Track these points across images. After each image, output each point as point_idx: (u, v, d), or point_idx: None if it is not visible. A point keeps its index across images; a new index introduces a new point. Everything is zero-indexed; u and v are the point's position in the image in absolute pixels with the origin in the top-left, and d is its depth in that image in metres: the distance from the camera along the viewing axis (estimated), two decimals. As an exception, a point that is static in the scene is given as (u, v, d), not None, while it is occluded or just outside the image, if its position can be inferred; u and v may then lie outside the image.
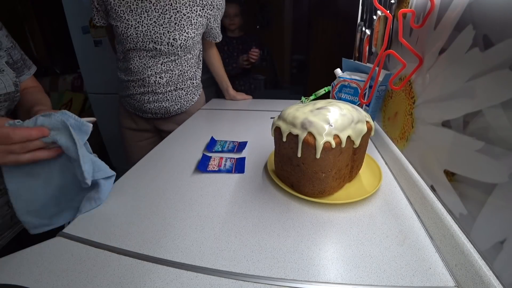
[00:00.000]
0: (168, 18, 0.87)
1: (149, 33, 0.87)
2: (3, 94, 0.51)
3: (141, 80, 0.94)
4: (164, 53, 0.91)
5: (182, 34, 0.90)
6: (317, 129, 0.45)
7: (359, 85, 0.77)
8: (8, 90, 0.52)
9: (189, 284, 0.36)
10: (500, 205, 0.31)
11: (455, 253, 0.37)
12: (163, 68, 0.94)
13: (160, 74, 0.94)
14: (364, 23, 0.90)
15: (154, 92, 0.97)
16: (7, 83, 0.52)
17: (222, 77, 1.27)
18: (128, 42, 0.88)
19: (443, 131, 0.44)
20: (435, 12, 0.48)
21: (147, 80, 0.94)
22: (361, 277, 0.37)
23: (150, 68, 0.92)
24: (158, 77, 0.94)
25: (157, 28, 0.87)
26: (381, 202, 0.52)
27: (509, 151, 0.30)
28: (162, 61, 0.93)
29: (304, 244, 0.42)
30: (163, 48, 0.90)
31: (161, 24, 0.87)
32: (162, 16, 0.87)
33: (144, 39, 0.87)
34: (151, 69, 0.92)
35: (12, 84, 0.53)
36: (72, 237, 0.44)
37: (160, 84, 0.96)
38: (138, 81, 0.94)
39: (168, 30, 0.88)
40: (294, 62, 3.23)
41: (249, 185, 0.58)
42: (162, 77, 0.95)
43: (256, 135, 0.83)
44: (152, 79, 0.94)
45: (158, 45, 0.88)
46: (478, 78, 0.36)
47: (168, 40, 0.89)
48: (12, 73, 0.54)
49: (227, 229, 0.45)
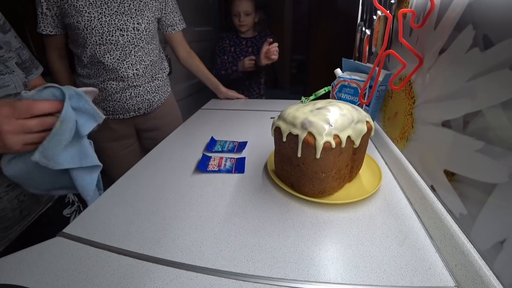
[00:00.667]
0: (127, 6, 0.90)
1: (114, 21, 0.89)
2: (13, 94, 0.51)
3: (120, 76, 0.95)
4: (132, 41, 0.93)
5: (143, 18, 0.94)
6: (317, 129, 0.45)
7: (359, 85, 0.77)
8: (18, 90, 0.52)
9: (189, 284, 0.36)
10: (500, 205, 0.31)
11: (455, 253, 0.37)
12: (136, 59, 0.96)
13: (136, 66, 0.96)
14: (364, 23, 0.90)
15: (135, 86, 0.98)
16: (17, 83, 0.52)
17: (207, 76, 1.25)
18: (93, 36, 0.87)
19: (443, 131, 0.44)
20: (435, 12, 0.48)
21: (125, 74, 0.95)
22: (361, 277, 0.37)
23: (125, 60, 0.94)
24: (134, 69, 0.96)
25: (120, 16, 0.89)
26: (381, 202, 0.52)
27: (509, 151, 0.30)
28: (132, 50, 0.94)
29: (304, 244, 0.42)
30: (130, 35, 0.92)
31: (122, 13, 0.89)
32: (121, 5, 0.89)
33: (110, 28, 0.88)
34: (126, 62, 0.94)
35: (22, 84, 0.54)
36: (72, 237, 0.44)
37: (138, 75, 0.98)
38: (116, 78, 0.95)
39: (130, 16, 0.91)
40: (294, 62, 3.23)
41: (249, 185, 0.58)
42: (138, 68, 0.97)
43: (256, 135, 0.83)
44: (130, 72, 0.95)
45: (124, 31, 0.90)
46: (478, 78, 0.36)
47: (133, 25, 0.91)
48: (21, 73, 0.55)
49: (227, 229, 0.45)
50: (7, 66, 0.52)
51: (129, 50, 0.93)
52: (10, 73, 0.51)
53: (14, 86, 0.51)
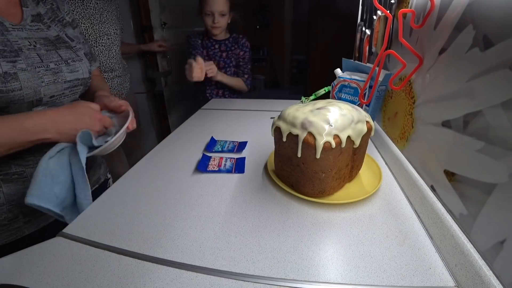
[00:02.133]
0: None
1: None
2: (81, 78, 0.62)
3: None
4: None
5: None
6: (317, 129, 0.45)
7: (359, 85, 0.77)
8: (85, 75, 0.63)
9: (189, 284, 0.36)
10: (500, 205, 0.31)
11: (455, 253, 0.37)
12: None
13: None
14: (364, 23, 0.90)
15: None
16: (85, 70, 0.63)
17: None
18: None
19: (443, 131, 0.44)
20: (435, 12, 0.48)
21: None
22: (361, 277, 0.37)
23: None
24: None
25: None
26: (381, 202, 0.52)
27: (509, 151, 0.30)
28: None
29: (304, 244, 0.42)
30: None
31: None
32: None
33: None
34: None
35: (88, 71, 0.64)
36: (72, 237, 0.44)
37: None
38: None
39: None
40: (294, 62, 3.23)
41: (249, 185, 0.58)
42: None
43: (256, 135, 0.83)
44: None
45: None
46: (478, 78, 0.36)
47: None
48: (87, 61, 0.65)
49: (227, 229, 0.45)
50: (78, 55, 0.63)
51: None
52: (80, 60, 0.63)
53: (82, 72, 0.62)
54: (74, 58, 0.61)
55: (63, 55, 0.59)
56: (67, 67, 0.59)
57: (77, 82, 0.61)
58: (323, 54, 2.83)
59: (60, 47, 0.60)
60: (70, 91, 0.60)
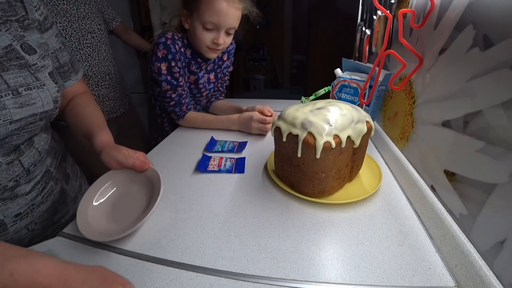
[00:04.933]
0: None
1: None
2: (39, 113, 0.43)
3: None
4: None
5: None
6: (317, 129, 0.45)
7: (359, 85, 0.77)
8: (46, 108, 0.44)
9: (189, 284, 0.36)
10: (500, 205, 0.31)
11: (455, 253, 0.37)
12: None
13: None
14: (364, 23, 0.90)
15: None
16: (46, 100, 0.44)
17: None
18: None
19: (443, 131, 0.44)
20: (435, 12, 0.48)
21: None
22: (361, 277, 0.36)
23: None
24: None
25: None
26: (381, 202, 0.52)
27: (509, 151, 0.30)
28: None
29: (304, 244, 0.42)
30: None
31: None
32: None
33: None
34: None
35: (52, 101, 0.46)
36: (72, 237, 0.44)
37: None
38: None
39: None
40: (294, 62, 3.23)
41: (249, 185, 0.58)
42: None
43: (256, 135, 0.83)
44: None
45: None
46: (478, 78, 0.36)
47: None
48: (54, 87, 0.47)
49: (227, 229, 0.45)
50: (38, 78, 0.44)
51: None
52: (40, 87, 0.44)
53: (41, 104, 0.43)
54: (30, 83, 0.42)
55: (12, 79, 0.40)
56: (16, 99, 0.40)
57: (33, 119, 0.43)
58: (323, 54, 2.83)
59: (10, 66, 0.40)
60: (21, 130, 0.42)
